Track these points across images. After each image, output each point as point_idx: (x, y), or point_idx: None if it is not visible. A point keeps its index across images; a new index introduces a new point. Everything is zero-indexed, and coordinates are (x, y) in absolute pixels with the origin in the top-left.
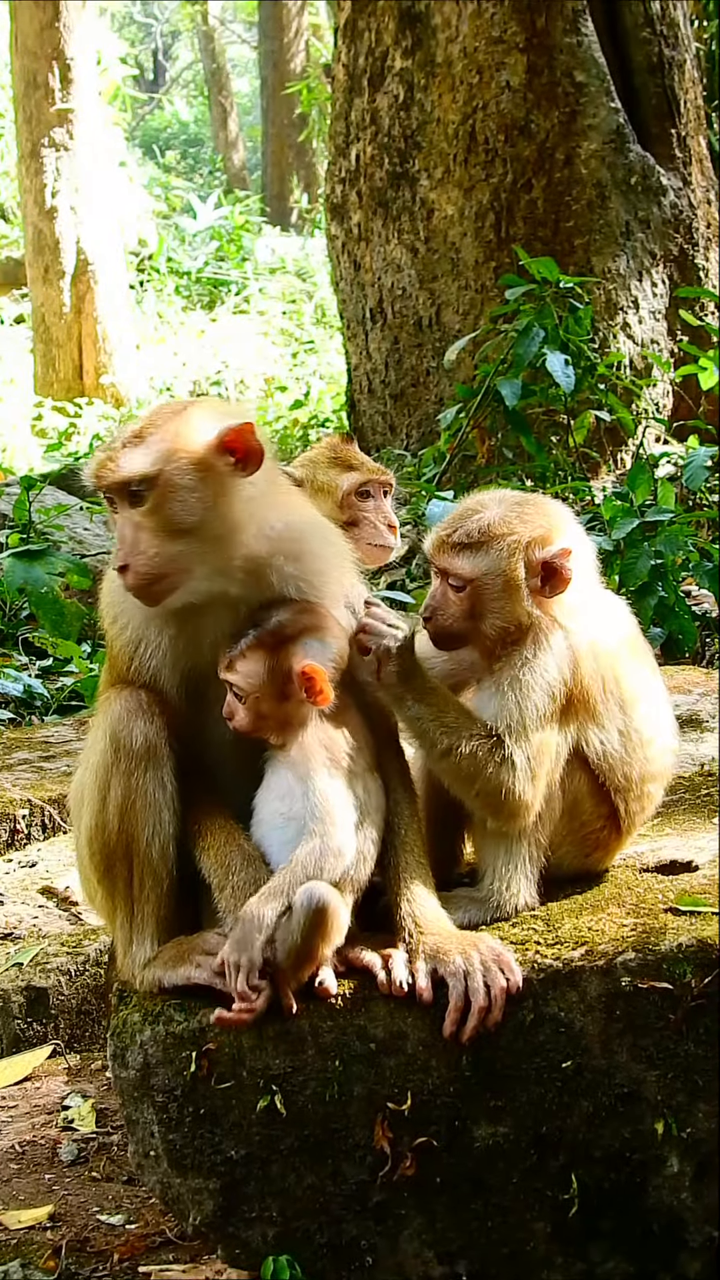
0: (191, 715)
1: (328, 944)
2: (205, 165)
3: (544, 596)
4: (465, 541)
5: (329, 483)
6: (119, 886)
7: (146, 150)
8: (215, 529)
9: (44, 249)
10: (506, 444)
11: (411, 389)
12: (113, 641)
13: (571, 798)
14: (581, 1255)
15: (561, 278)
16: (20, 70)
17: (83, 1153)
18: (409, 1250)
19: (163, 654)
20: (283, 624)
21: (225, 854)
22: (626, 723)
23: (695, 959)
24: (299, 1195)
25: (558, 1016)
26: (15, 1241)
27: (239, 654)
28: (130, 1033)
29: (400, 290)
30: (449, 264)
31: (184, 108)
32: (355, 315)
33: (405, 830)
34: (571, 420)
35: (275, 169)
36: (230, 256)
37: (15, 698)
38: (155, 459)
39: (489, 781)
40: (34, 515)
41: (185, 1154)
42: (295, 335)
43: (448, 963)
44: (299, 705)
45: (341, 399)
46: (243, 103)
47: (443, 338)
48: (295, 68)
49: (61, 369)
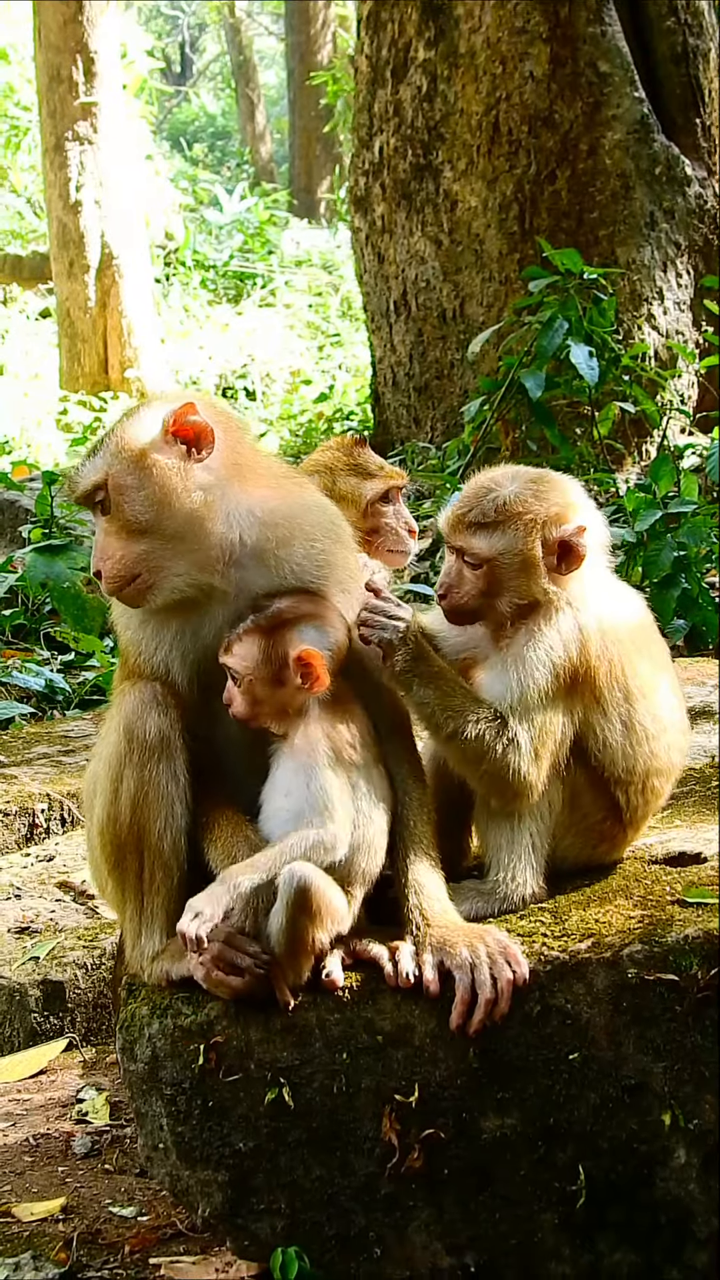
0: (202, 709)
1: (318, 928)
2: (233, 158)
3: (560, 574)
4: (481, 520)
5: (351, 491)
6: (129, 878)
7: (174, 143)
8: (173, 523)
9: (68, 243)
10: (531, 436)
11: (435, 381)
12: (121, 636)
13: (571, 789)
14: (589, 1247)
15: (585, 269)
16: (44, 64)
17: (96, 1145)
18: (417, 1242)
19: (167, 649)
20: (280, 610)
21: (231, 845)
22: (631, 714)
23: (702, 951)
24: (307, 1187)
25: (564, 1009)
26: (28, 1234)
27: (235, 638)
28: (138, 1026)
29: (424, 283)
30: (473, 256)
31: (211, 100)
32: (379, 308)
33: (415, 822)
34: (596, 412)
35: (303, 161)
36: (256, 250)
37: (37, 692)
38: (102, 464)
39: (494, 763)
40: (56, 510)
41: (194, 1146)
42: (321, 328)
43: (455, 955)
44: (295, 692)
45: (366, 392)
46: (270, 95)
47: (467, 330)
48: (322, 59)
49: (87, 363)
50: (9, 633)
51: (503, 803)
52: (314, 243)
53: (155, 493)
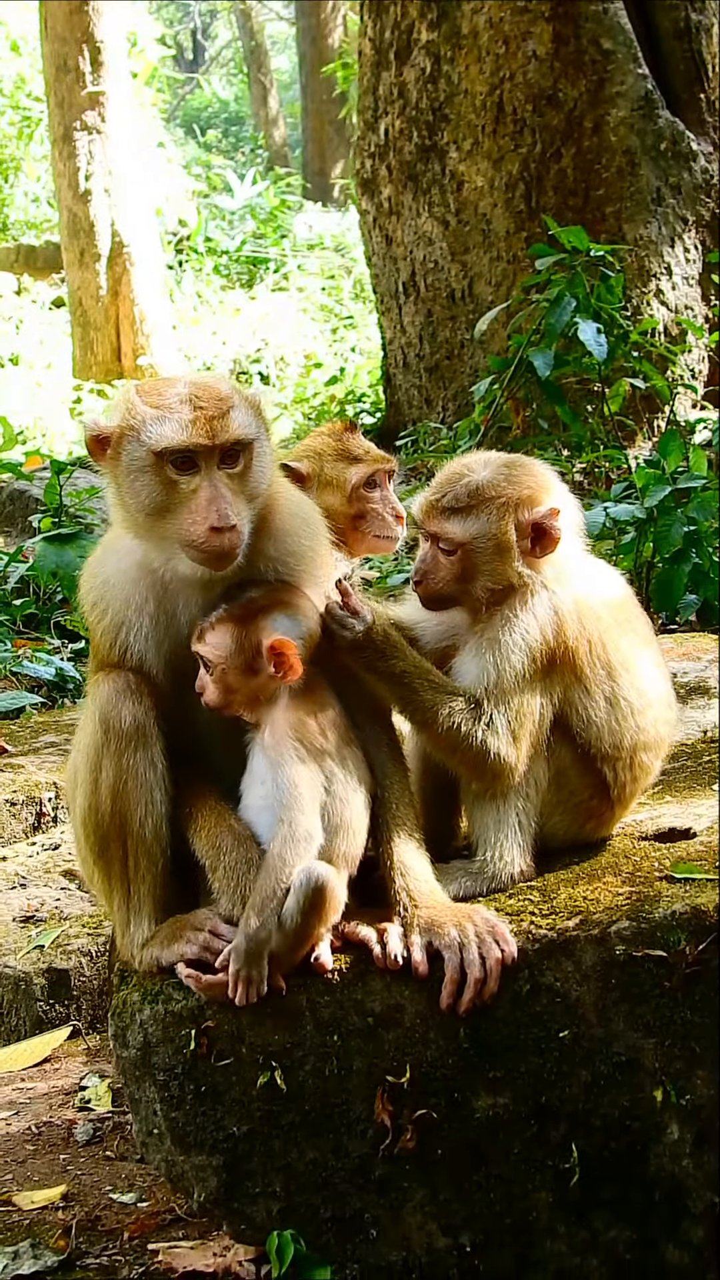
0: (177, 697)
1: (325, 923)
2: (246, 144)
3: (534, 557)
4: (455, 505)
5: (337, 477)
6: (114, 867)
7: (187, 130)
8: (262, 500)
9: (79, 232)
10: (541, 414)
11: (446, 362)
12: (94, 628)
13: (556, 767)
14: (584, 1224)
15: (592, 246)
16: (51, 55)
17: (98, 1132)
18: (412, 1222)
19: (145, 636)
20: (254, 599)
21: (216, 834)
22: (615, 689)
23: (689, 926)
24: (301, 1170)
25: (554, 986)
26: (28, 1222)
27: (208, 625)
28: (130, 1012)
29: (432, 263)
30: (480, 236)
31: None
32: (388, 290)
33: (397, 805)
34: (606, 389)
35: (315, 145)
36: (269, 234)
37: (47, 681)
38: (254, 424)
39: (471, 747)
40: (65, 499)
41: (188, 1131)
42: (334, 311)
43: (443, 935)
44: (268, 681)
45: (378, 374)
46: (282, 79)
47: (476, 309)
48: (333, 43)
49: (99, 351)
50: (20, 622)
51: (483, 785)
52: (327, 226)
53: (267, 467)
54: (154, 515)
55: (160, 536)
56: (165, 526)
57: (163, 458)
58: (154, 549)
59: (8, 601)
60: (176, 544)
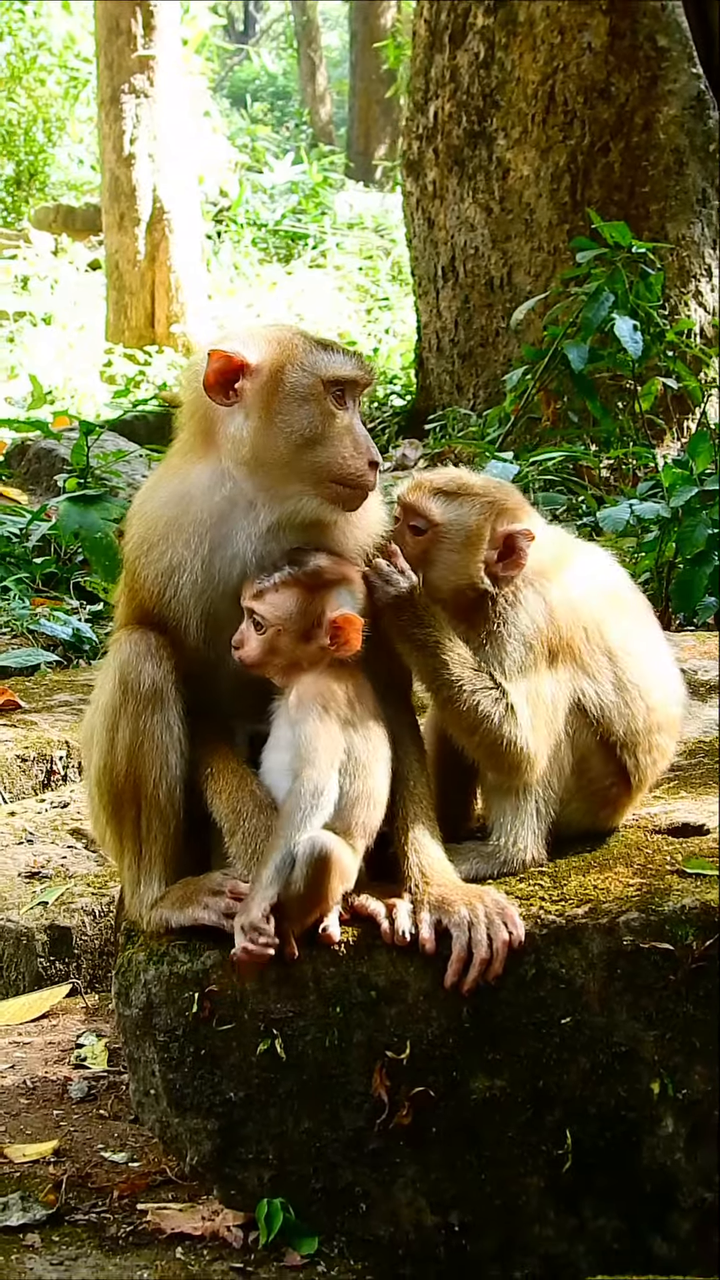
0: (206, 654)
1: (334, 892)
2: (292, 118)
3: (496, 572)
4: (444, 488)
5: None
6: (127, 827)
7: (234, 101)
8: None
9: (120, 196)
10: (572, 407)
11: (480, 349)
12: (141, 571)
13: (580, 754)
14: (574, 1211)
15: (634, 243)
16: (104, 15)
17: (92, 1090)
18: (403, 1199)
19: (194, 581)
20: (321, 569)
21: (237, 799)
22: (619, 674)
23: (698, 921)
24: (296, 1139)
25: (559, 972)
26: (19, 1175)
27: (271, 586)
28: (135, 971)
29: (473, 249)
30: (522, 225)
31: (272, 60)
32: (427, 273)
33: (414, 783)
34: (638, 386)
35: (361, 124)
36: (309, 210)
37: (64, 641)
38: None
39: (490, 732)
40: (92, 460)
41: (185, 1094)
42: (370, 291)
43: (452, 914)
44: (318, 651)
45: (410, 357)
46: (332, 57)
47: (514, 298)
48: (386, 23)
49: (133, 316)
50: (39, 580)
51: (501, 777)
52: (367, 206)
53: None
54: (304, 447)
55: (302, 471)
56: (311, 459)
57: (329, 387)
58: (278, 486)
59: (28, 559)
60: (314, 482)
